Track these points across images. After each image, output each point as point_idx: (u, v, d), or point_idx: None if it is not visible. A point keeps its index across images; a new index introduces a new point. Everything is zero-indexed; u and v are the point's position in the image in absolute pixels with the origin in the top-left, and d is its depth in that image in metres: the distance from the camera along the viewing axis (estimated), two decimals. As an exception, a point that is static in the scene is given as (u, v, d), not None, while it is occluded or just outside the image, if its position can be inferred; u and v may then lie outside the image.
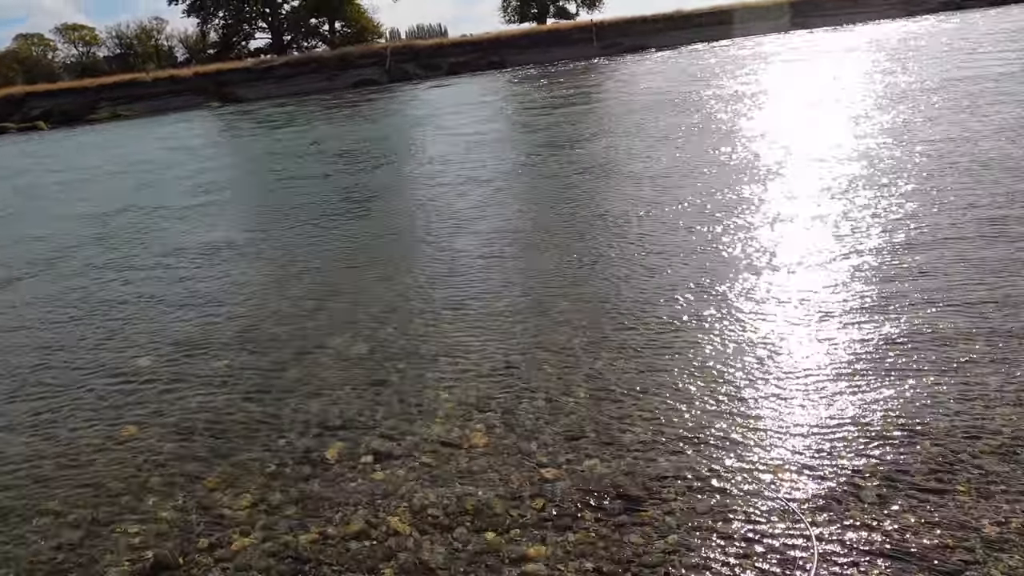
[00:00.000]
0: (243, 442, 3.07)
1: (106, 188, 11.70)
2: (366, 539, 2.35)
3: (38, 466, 3.05)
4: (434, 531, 2.34)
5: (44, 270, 6.50)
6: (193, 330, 4.48)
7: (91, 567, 2.37)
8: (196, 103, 34.75)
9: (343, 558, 2.27)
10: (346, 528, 2.41)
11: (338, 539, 2.36)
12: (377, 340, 3.97)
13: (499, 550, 2.21)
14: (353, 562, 2.24)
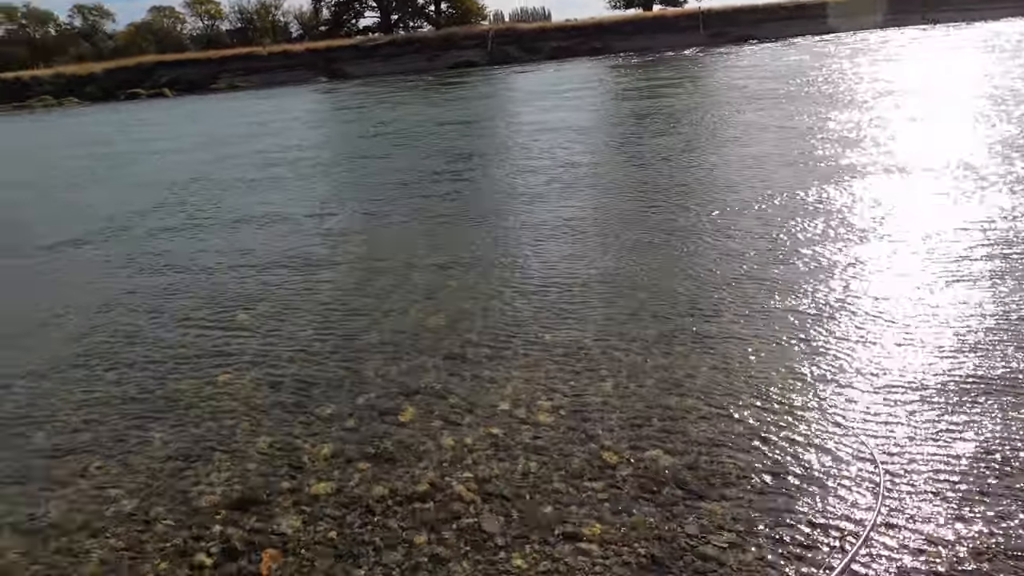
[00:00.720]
0: (325, 397, 3.27)
1: (219, 155, 12.48)
2: (431, 500, 2.47)
3: (147, 400, 3.37)
4: (495, 500, 2.43)
5: (146, 230, 7.07)
6: (286, 292, 4.77)
7: (187, 492, 2.61)
8: (306, 78, 36.36)
9: (408, 516, 2.40)
10: (414, 487, 2.54)
11: (405, 497, 2.50)
12: (455, 314, 4.10)
13: (555, 525, 2.27)
14: (417, 521, 2.37)
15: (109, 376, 3.69)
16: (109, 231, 7.04)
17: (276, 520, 2.44)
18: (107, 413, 3.29)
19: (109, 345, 4.09)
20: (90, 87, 33.39)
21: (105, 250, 6.34)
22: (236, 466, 2.77)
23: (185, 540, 2.37)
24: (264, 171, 9.94)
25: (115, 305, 4.79)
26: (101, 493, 2.67)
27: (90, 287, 5.27)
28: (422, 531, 2.32)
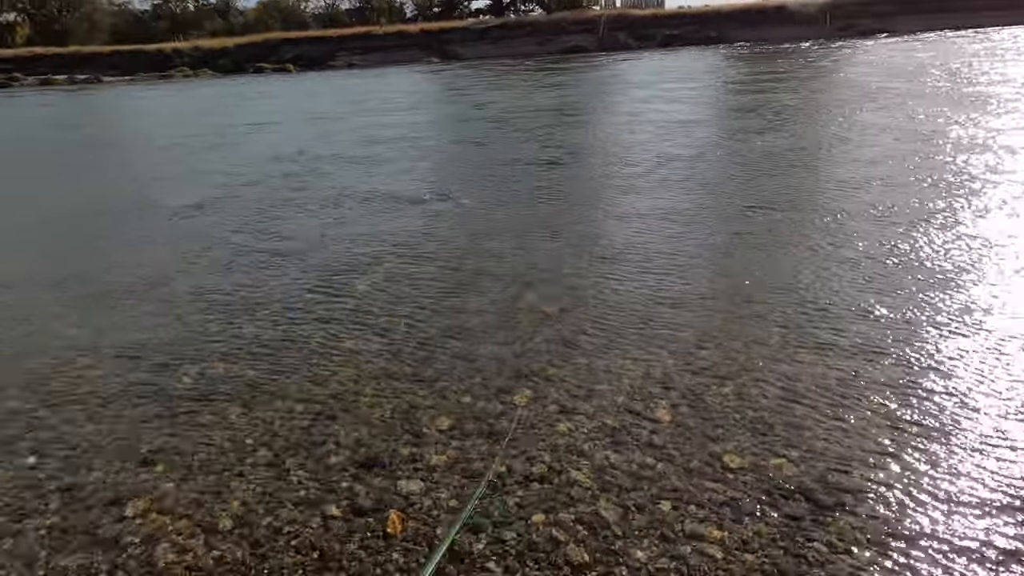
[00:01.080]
0: (443, 371, 3.37)
1: (326, 130, 13.03)
2: (547, 483, 2.50)
3: (278, 363, 3.60)
4: (612, 491, 2.43)
5: (243, 204, 7.47)
6: (402, 267, 4.94)
7: (316, 449, 2.78)
8: (419, 57, 37.26)
9: (526, 495, 2.44)
10: (530, 468, 2.59)
11: (522, 477, 2.55)
12: (569, 302, 4.11)
13: (674, 523, 2.25)
14: (535, 500, 2.41)
15: (245, 331, 3.96)
16: (224, 198, 7.50)
17: (399, 483, 2.55)
18: (240, 367, 3.54)
19: (232, 305, 4.39)
20: (223, 60, 35.71)
21: (221, 215, 6.76)
22: (360, 429, 2.92)
23: (316, 492, 2.53)
24: (367, 148, 10.27)
25: (236, 267, 5.12)
26: (239, 440, 2.88)
27: (212, 248, 5.66)
28: (539, 511, 2.36)
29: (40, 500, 2.56)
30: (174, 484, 2.62)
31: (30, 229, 6.72)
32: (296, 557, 2.22)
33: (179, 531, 2.37)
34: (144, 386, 3.38)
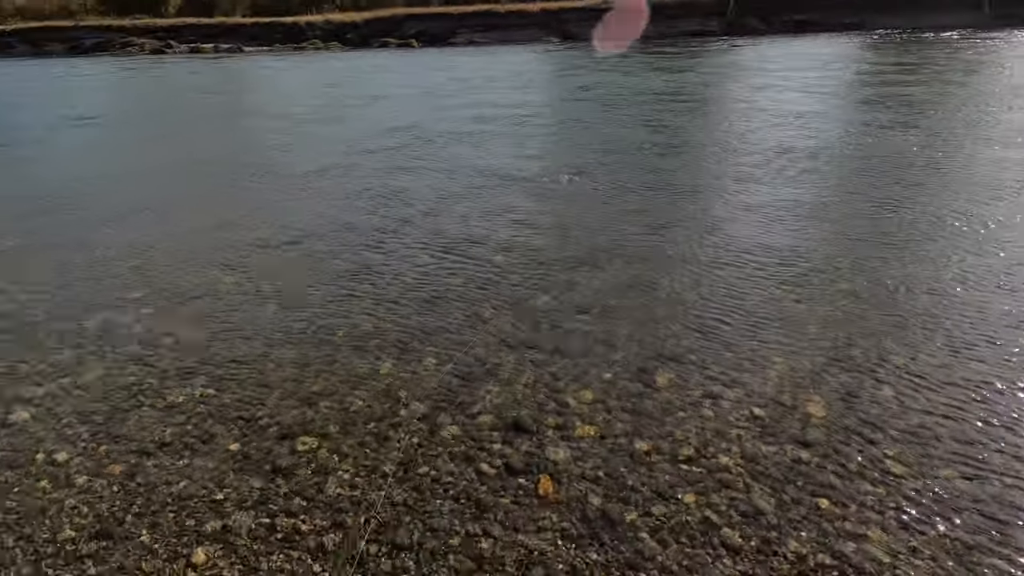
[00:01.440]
0: (581, 348, 3.42)
1: (441, 105, 13.28)
2: (696, 466, 2.50)
3: (421, 325, 3.77)
4: (764, 480, 2.40)
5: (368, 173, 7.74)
6: (539, 241, 5.00)
7: (467, 409, 2.91)
8: (537, 37, 37.18)
9: (674, 475, 2.46)
10: (677, 450, 2.59)
11: (669, 457, 2.56)
12: (708, 288, 4.03)
13: (834, 520, 2.19)
14: (684, 481, 2.42)
15: (387, 293, 4.16)
16: (344, 165, 7.79)
17: (547, 450, 2.63)
18: (387, 325, 3.73)
19: (368, 268, 4.61)
20: (351, 34, 37.20)
21: (343, 182, 7.04)
22: (507, 394, 3.02)
23: (469, 449, 2.65)
24: (478, 124, 10.34)
25: (365, 235, 5.35)
26: (394, 393, 3.06)
27: (341, 214, 5.94)
28: (690, 491, 2.37)
29: (224, 427, 2.84)
30: (338, 427, 2.82)
31: (172, 187, 7.32)
32: (455, 504, 2.35)
33: (345, 469, 2.56)
34: (303, 333, 3.65)
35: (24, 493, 2.46)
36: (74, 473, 2.57)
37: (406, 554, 2.15)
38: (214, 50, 34.74)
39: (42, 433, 2.82)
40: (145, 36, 37.18)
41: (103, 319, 3.86)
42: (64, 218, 5.92)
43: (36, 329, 3.76)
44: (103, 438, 2.77)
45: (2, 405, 3.02)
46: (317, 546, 2.19)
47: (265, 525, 2.28)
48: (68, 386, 3.17)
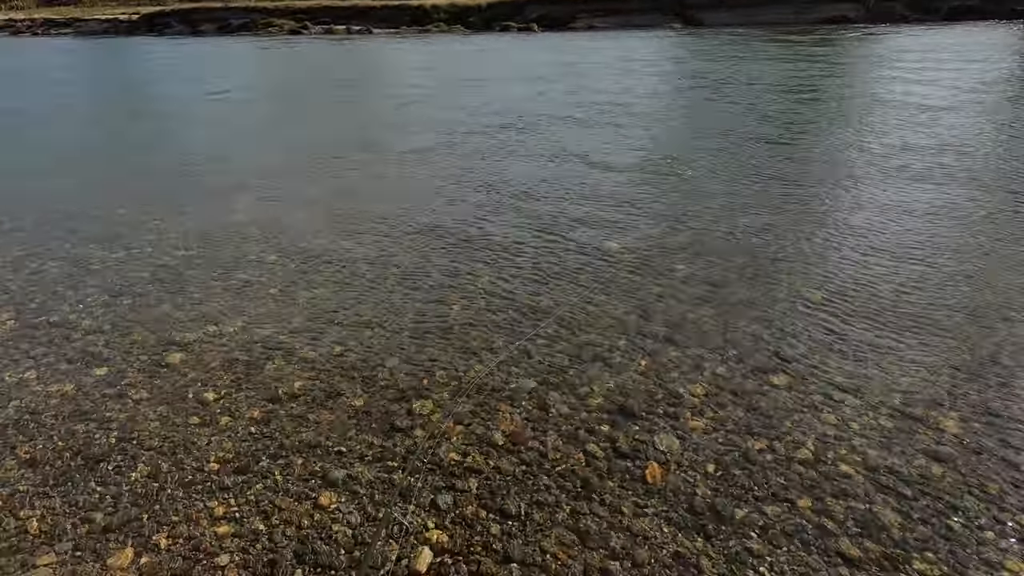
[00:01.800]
0: (694, 340, 3.36)
1: (545, 89, 13.19)
2: (813, 469, 2.41)
3: (527, 306, 3.83)
4: (890, 493, 2.28)
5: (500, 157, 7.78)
6: (653, 229, 4.93)
7: (575, 389, 2.94)
8: (659, 22, 36.19)
9: (789, 477, 2.38)
10: (794, 451, 2.50)
11: (785, 457, 2.48)
12: (834, 290, 3.83)
13: (967, 544, 2.05)
14: (800, 484, 2.34)
15: (503, 271, 4.25)
16: (444, 146, 7.89)
17: (656, 437, 2.62)
18: (499, 303, 3.82)
19: (475, 245, 4.70)
20: (473, 18, 37.79)
21: (442, 160, 7.14)
22: (616, 378, 3.03)
23: (577, 429, 2.69)
24: (582, 110, 10.18)
25: (477, 213, 5.45)
26: (505, 368, 3.14)
27: (446, 190, 6.07)
28: (805, 495, 2.29)
29: (348, 384, 3.03)
30: (449, 394, 2.94)
31: (295, 158, 7.76)
32: (561, 481, 2.40)
33: (458, 436, 2.67)
34: (421, 304, 3.81)
35: (177, 426, 2.75)
36: (218, 413, 2.84)
37: (512, 522, 2.22)
38: (346, 31, 36.42)
39: (192, 375, 3.13)
40: (285, 17, 39.56)
41: (244, 278, 4.20)
42: (200, 182, 6.47)
43: (189, 283, 4.15)
44: (243, 384, 3.04)
45: (160, 347, 3.37)
46: (430, 504, 2.31)
47: (384, 479, 2.43)
48: (214, 335, 3.49)
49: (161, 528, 2.22)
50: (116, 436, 2.69)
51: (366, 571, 2.04)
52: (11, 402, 2.93)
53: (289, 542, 2.16)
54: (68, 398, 2.95)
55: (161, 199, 5.91)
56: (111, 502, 2.34)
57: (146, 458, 2.56)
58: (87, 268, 4.37)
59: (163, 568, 2.07)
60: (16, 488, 2.40)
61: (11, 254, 4.62)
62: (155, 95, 14.14)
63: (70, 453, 2.59)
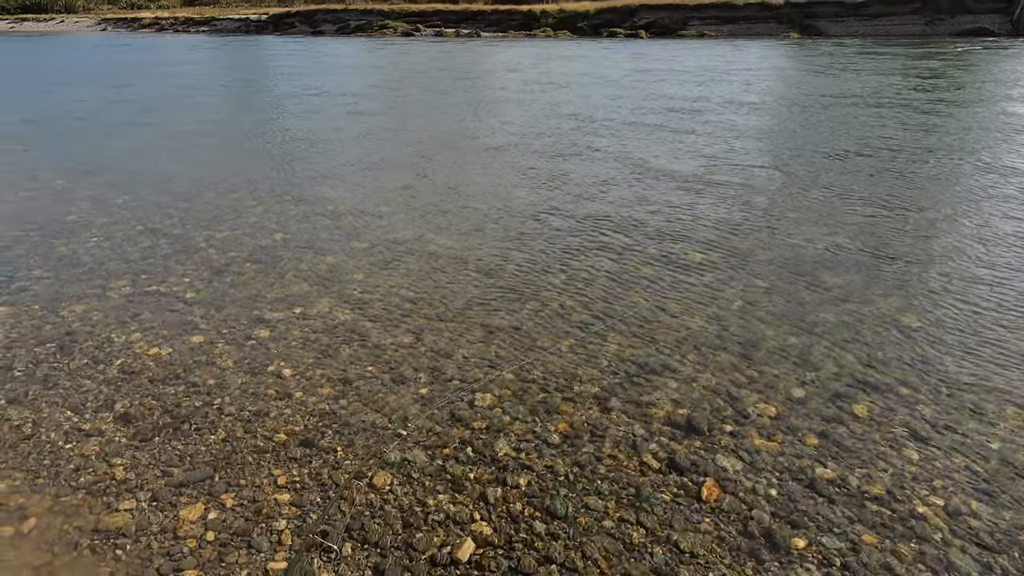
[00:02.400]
0: (772, 358, 3.21)
1: (636, 95, 12.91)
2: (886, 507, 2.25)
3: (609, 309, 3.78)
4: (971, 543, 2.09)
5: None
6: (739, 243, 4.75)
7: (639, 397, 2.89)
8: (776, 32, 34.84)
9: (856, 511, 2.23)
10: (867, 485, 2.35)
11: (857, 491, 2.33)
12: (931, 319, 3.55)
13: (1056, 607, 1.85)
14: (868, 520, 2.19)
15: (578, 273, 4.23)
16: (512, 145, 7.89)
17: (717, 455, 2.53)
18: (574, 306, 3.80)
19: (561, 248, 4.68)
20: (581, 23, 37.81)
21: (510, 157, 7.14)
22: (683, 390, 2.94)
23: (635, 435, 2.64)
24: (655, 116, 9.91)
25: (556, 215, 5.43)
26: (570, 370, 3.13)
27: (521, 188, 6.06)
28: (871, 531, 2.14)
29: (415, 372, 3.12)
30: (514, 391, 2.96)
31: (383, 152, 8.01)
32: (612, 487, 2.36)
33: (515, 432, 2.68)
34: (499, 301, 3.85)
35: (255, 397, 2.93)
36: (292, 388, 2.99)
37: (558, 523, 2.21)
38: (455, 34, 37.39)
39: (274, 350, 3.31)
40: (399, 20, 41.11)
41: (331, 264, 4.41)
42: (301, 170, 6.82)
43: (281, 265, 4.39)
44: (318, 364, 3.19)
45: (250, 322, 3.60)
46: (479, 496, 2.34)
47: (438, 467, 2.48)
48: (299, 315, 3.68)
49: (230, 488, 2.37)
50: (201, 400, 2.89)
51: (409, 553, 2.10)
52: (116, 361, 3.21)
53: (342, 516, 2.25)
54: (164, 362, 3.20)
55: (266, 185, 6.30)
56: (189, 460, 2.51)
57: (224, 423, 2.73)
58: (195, 246, 4.72)
59: (227, 525, 2.21)
60: (110, 438, 2.64)
61: (133, 229, 5.07)
62: (269, 88, 15.05)
63: (159, 411, 2.81)
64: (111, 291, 3.97)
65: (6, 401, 2.87)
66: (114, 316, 3.66)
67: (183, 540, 2.14)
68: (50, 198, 5.90)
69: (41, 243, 4.75)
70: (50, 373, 3.10)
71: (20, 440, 2.61)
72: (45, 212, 5.48)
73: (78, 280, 4.12)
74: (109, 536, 2.15)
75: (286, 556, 2.09)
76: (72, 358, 3.23)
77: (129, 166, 7.15)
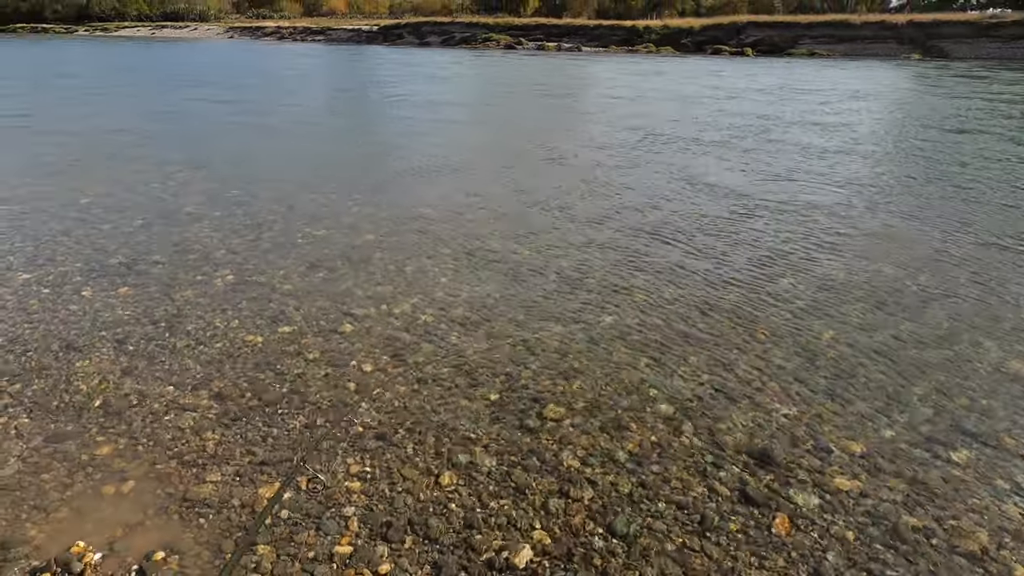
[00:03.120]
0: (859, 393, 3.04)
1: (723, 115, 12.45)
2: (978, 564, 2.08)
3: (687, 334, 3.70)
4: (1075, 614, 1.90)
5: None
6: (834, 270, 4.52)
7: (713, 423, 2.81)
8: (895, 52, 33.01)
9: (943, 565, 2.08)
10: (958, 539, 2.18)
11: (945, 543, 2.16)
12: (1053, 368, 3.25)
13: None
14: (952, 568, 2.03)
15: (660, 292, 4.16)
16: (571, 156, 7.78)
17: (792, 489, 2.42)
18: (656, 322, 3.74)
19: (639, 265, 4.61)
20: (685, 40, 37.26)
21: (610, 175, 7.04)
22: (761, 420, 2.84)
23: (705, 461, 2.57)
24: (724, 133, 9.50)
25: (641, 233, 5.33)
26: (645, 389, 3.08)
27: (596, 200, 5.98)
28: (959, 590, 1.98)
29: (489, 378, 3.16)
30: (585, 405, 2.95)
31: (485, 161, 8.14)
32: (677, 512, 2.31)
33: (583, 446, 2.67)
34: (578, 314, 3.85)
35: (336, 388, 3.06)
36: (371, 383, 3.11)
37: (618, 541, 2.19)
38: (556, 48, 37.75)
39: (358, 345, 3.46)
40: (502, 33, 41.96)
41: (418, 267, 4.55)
42: (397, 173, 7.07)
43: (371, 264, 4.58)
44: (397, 361, 3.30)
45: (337, 317, 3.77)
46: (541, 505, 2.34)
47: (503, 472, 2.51)
48: (383, 313, 3.82)
49: (306, 472, 2.49)
50: (287, 387, 3.05)
51: (468, 553, 2.13)
52: (216, 344, 3.45)
53: (407, 510, 2.31)
54: (257, 348, 3.40)
55: (362, 189, 6.58)
56: (271, 441, 2.66)
57: (306, 410, 2.88)
58: (294, 241, 5.00)
59: (300, 506, 2.32)
60: (204, 414, 2.83)
61: (240, 223, 5.43)
62: (373, 96, 15.71)
63: (249, 394, 2.99)
64: (217, 279, 4.27)
65: (120, 372, 3.15)
66: (218, 302, 3.93)
67: (260, 516, 2.27)
68: (172, 190, 6.41)
69: (162, 231, 5.17)
70: (158, 350, 3.37)
71: (127, 407, 2.86)
72: (167, 203, 5.96)
73: (189, 267, 4.46)
74: (195, 505, 2.31)
75: (351, 541, 2.17)
76: (178, 338, 3.49)
77: (241, 163, 7.66)
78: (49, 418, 2.78)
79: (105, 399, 2.92)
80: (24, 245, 4.80)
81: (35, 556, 2.09)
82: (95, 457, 2.54)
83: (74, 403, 2.89)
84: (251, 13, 76.04)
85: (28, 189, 6.34)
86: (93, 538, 2.16)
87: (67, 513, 2.26)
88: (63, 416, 2.79)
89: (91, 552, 2.10)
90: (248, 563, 2.08)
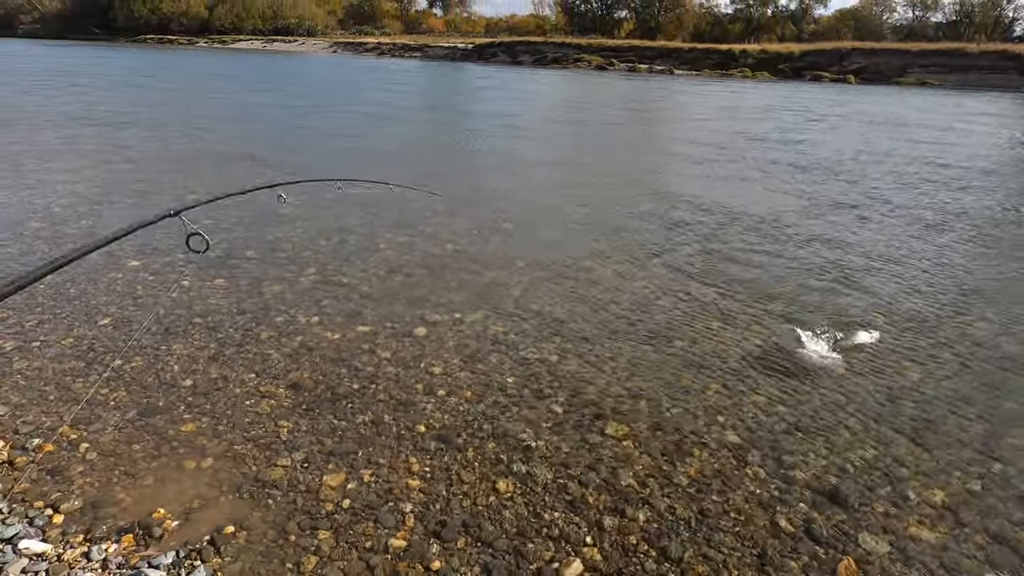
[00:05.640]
0: (947, 440, 2.85)
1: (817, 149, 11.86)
2: (1069, 635, 1.91)
3: (768, 360, 3.58)
4: None
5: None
6: (927, 309, 4.27)
7: (781, 455, 2.71)
8: (1015, 84, 30.84)
9: (1030, 631, 1.92)
10: (1047, 605, 2.01)
11: (1031, 608, 2.00)
12: None
13: None
14: (1043, 644, 1.87)
15: (738, 319, 4.05)
16: (629, 176, 7.56)
17: (862, 533, 2.30)
18: (729, 349, 3.64)
19: (711, 290, 4.48)
20: (783, 65, 36.19)
21: (693, 199, 6.86)
22: (834, 458, 2.71)
23: (770, 494, 2.48)
24: (784, 166, 8.99)
25: (718, 255, 5.18)
26: (712, 415, 3.01)
27: (683, 221, 5.84)
28: (1046, 662, 1.82)
29: (553, 390, 3.18)
30: (648, 426, 2.91)
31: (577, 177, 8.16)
32: (736, 542, 2.24)
33: (642, 465, 2.64)
34: (649, 335, 3.81)
35: (405, 388, 3.15)
36: (438, 386, 3.18)
37: (671, 566, 2.14)
38: (648, 71, 37.53)
39: (429, 348, 3.55)
40: (594, 54, 42.14)
41: (492, 278, 4.62)
42: (471, 189, 7.21)
43: (448, 272, 4.70)
44: (465, 367, 3.37)
45: (411, 320, 3.88)
46: (596, 521, 2.33)
47: (559, 484, 2.51)
48: (456, 320, 3.91)
49: (369, 465, 2.58)
50: (358, 383, 3.17)
51: (519, 560, 2.14)
52: (298, 337, 3.63)
53: (462, 512, 2.36)
54: (334, 344, 3.55)
55: (444, 199, 6.76)
56: (340, 434, 2.77)
57: (374, 407, 2.98)
58: (376, 245, 5.20)
59: (361, 497, 2.41)
60: (280, 402, 2.99)
61: (327, 225, 5.69)
62: (464, 112, 16.09)
63: (323, 387, 3.13)
64: (303, 277, 4.49)
65: (208, 357, 3.36)
66: (301, 299, 4.14)
67: (323, 502, 2.37)
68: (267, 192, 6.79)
69: (257, 230, 5.50)
70: (244, 339, 3.58)
71: (213, 390, 3.05)
72: (263, 204, 6.33)
73: (279, 264, 4.71)
74: (265, 486, 2.44)
75: (407, 536, 2.23)
76: (263, 329, 3.70)
77: (332, 171, 8.04)
78: (144, 393, 3.00)
79: (194, 381, 3.13)
80: (132, 237, 5.21)
81: (121, 517, 2.26)
82: (180, 433, 2.73)
83: (166, 381, 3.11)
84: (355, 29, 79.75)
85: (147, 184, 6.90)
86: (173, 506, 2.31)
87: (152, 481, 2.44)
88: (156, 393, 3.01)
89: (170, 519, 2.25)
90: (309, 546, 2.18)
